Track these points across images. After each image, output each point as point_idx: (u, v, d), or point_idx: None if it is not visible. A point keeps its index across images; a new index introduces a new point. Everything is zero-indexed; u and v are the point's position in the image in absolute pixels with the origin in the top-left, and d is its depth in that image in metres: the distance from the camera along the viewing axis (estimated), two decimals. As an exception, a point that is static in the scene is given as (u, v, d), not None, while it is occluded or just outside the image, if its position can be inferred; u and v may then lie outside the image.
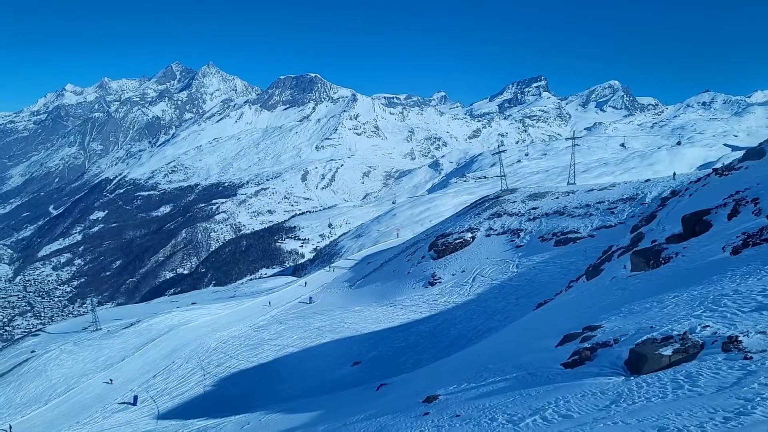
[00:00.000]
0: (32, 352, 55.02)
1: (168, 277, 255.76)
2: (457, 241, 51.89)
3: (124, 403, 39.83)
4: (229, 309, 59.65)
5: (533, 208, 51.29)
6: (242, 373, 40.48)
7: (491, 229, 51.71)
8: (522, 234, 47.97)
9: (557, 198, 51.80)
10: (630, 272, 19.63)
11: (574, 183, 67.76)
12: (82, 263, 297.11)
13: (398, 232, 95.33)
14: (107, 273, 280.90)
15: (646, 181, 49.05)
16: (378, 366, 34.73)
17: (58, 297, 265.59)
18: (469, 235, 52.03)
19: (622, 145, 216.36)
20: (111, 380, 43.94)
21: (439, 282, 47.60)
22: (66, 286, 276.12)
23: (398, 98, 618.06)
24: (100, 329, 59.00)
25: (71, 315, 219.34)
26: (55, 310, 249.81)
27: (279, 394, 33.83)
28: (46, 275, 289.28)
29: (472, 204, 68.44)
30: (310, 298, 57.30)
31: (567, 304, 21.85)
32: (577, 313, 17.42)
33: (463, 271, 47.32)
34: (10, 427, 39.23)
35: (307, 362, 39.25)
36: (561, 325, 16.06)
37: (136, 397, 39.60)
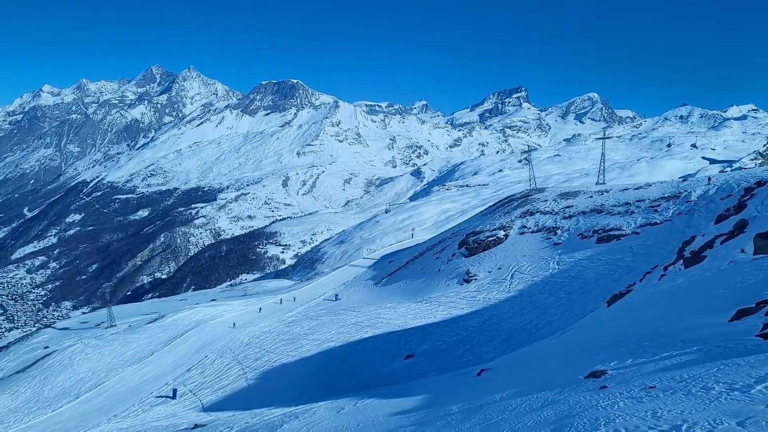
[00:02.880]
0: (45, 348, 53.19)
1: (146, 282, 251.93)
2: (490, 238, 51.51)
3: (161, 396, 38.54)
4: (250, 306, 58.59)
5: (567, 207, 51.14)
6: (285, 366, 39.39)
7: (524, 227, 51.41)
8: (559, 232, 47.74)
9: (591, 197, 51.77)
10: (753, 255, 19.55)
11: (604, 183, 68.18)
12: (57, 267, 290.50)
13: (413, 232, 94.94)
14: (83, 277, 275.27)
15: (683, 181, 49.59)
16: (433, 359, 34.06)
17: (32, 300, 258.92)
18: (502, 233, 51.69)
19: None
20: None
21: (475, 279, 47.13)
22: (40, 289, 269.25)
23: (380, 106, 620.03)
24: (115, 325, 57.32)
25: (45, 319, 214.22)
26: (28, 314, 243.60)
27: (335, 386, 32.75)
28: (20, 278, 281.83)
29: (498, 203, 68.32)
30: (336, 295, 56.51)
31: (680, 288, 21.43)
32: (724, 293, 17.17)
33: (500, 268, 46.95)
34: None
35: (353, 356, 38.39)
36: (712, 303, 15.80)
37: (175, 391, 38.26)
